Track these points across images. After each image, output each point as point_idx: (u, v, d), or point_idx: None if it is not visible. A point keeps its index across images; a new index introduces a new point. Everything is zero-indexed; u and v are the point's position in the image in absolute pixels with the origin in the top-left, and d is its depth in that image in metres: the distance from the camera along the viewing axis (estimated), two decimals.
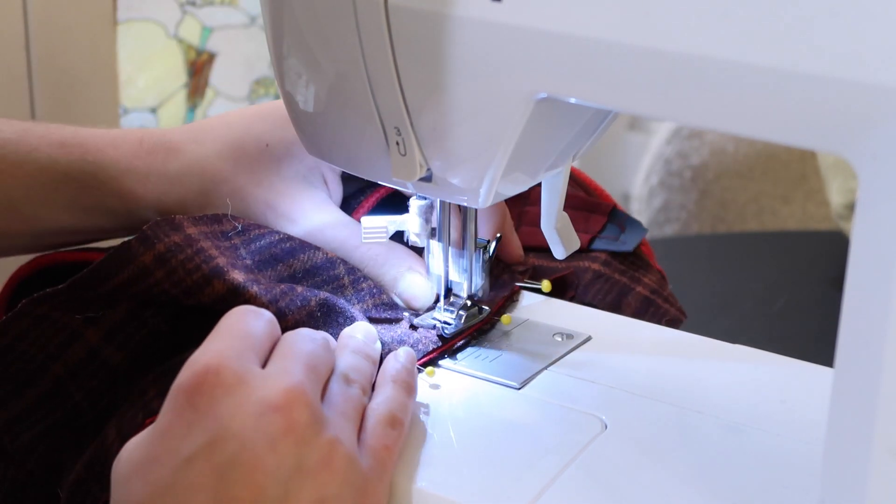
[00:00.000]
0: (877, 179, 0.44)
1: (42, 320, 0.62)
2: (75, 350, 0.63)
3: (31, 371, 0.62)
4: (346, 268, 0.66)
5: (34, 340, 0.62)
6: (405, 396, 0.58)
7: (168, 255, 0.61)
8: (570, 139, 0.60)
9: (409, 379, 0.59)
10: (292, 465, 0.49)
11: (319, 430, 0.51)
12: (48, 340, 0.62)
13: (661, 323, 0.74)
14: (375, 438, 0.54)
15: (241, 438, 0.49)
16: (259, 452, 0.49)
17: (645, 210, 1.83)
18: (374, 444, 0.54)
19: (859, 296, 0.45)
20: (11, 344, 0.62)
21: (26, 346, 0.62)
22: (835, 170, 1.31)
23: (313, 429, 0.50)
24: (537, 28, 0.50)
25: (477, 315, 0.67)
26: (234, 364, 0.51)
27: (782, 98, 0.45)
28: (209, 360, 0.51)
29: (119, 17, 1.53)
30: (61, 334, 0.63)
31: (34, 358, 0.62)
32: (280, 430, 0.49)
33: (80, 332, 0.63)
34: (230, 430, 0.49)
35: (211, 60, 1.69)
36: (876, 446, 0.45)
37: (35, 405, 0.62)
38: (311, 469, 0.50)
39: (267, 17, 0.61)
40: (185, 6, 1.64)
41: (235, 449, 0.49)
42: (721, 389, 0.63)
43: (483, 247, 0.67)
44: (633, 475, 0.56)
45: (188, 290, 0.62)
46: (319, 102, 0.61)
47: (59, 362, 0.62)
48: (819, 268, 1.26)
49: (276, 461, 0.49)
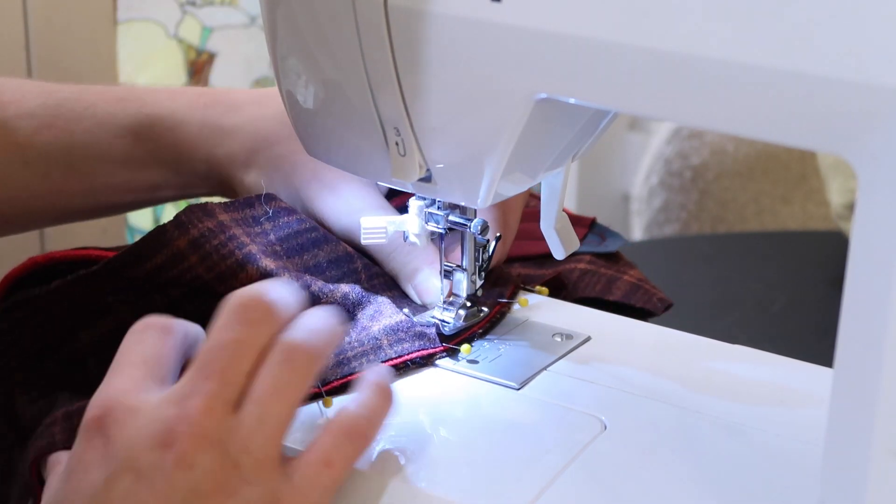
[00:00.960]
0: (877, 179, 0.44)
1: (75, 298, 0.63)
2: (105, 322, 0.63)
3: (60, 335, 0.63)
4: (363, 263, 0.68)
5: (68, 308, 0.63)
6: (380, 401, 0.55)
7: (202, 239, 0.63)
8: (570, 139, 0.60)
9: (389, 391, 0.56)
10: (187, 490, 0.49)
11: (215, 458, 0.49)
12: (80, 309, 0.63)
13: (654, 302, 0.74)
14: (316, 452, 0.52)
15: (136, 471, 0.49)
16: (153, 483, 0.49)
17: (645, 210, 1.83)
18: (311, 459, 0.51)
19: (859, 296, 0.45)
20: (45, 307, 0.63)
21: (59, 310, 0.63)
22: (835, 170, 1.31)
23: (208, 459, 0.49)
24: (537, 28, 0.50)
25: (476, 315, 0.67)
26: (128, 398, 0.51)
27: (782, 98, 0.45)
28: (105, 398, 0.51)
29: (119, 17, 1.53)
30: (94, 306, 0.64)
31: (64, 322, 0.63)
32: (170, 464, 0.49)
33: (114, 308, 0.64)
34: (124, 463, 0.49)
35: (211, 60, 1.69)
36: (876, 446, 0.45)
37: (53, 375, 0.63)
38: (207, 494, 0.49)
39: (266, 17, 0.61)
40: (185, 6, 1.64)
41: (131, 481, 0.49)
42: (721, 389, 0.63)
43: (483, 246, 0.67)
44: (633, 475, 0.56)
45: (221, 276, 0.62)
46: (319, 102, 0.61)
47: (87, 330, 0.63)
48: (819, 268, 1.26)
49: (168, 490, 0.49)
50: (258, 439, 0.50)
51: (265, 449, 0.50)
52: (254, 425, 0.50)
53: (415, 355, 0.63)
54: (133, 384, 0.51)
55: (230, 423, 0.50)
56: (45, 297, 0.64)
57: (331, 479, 0.51)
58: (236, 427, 0.50)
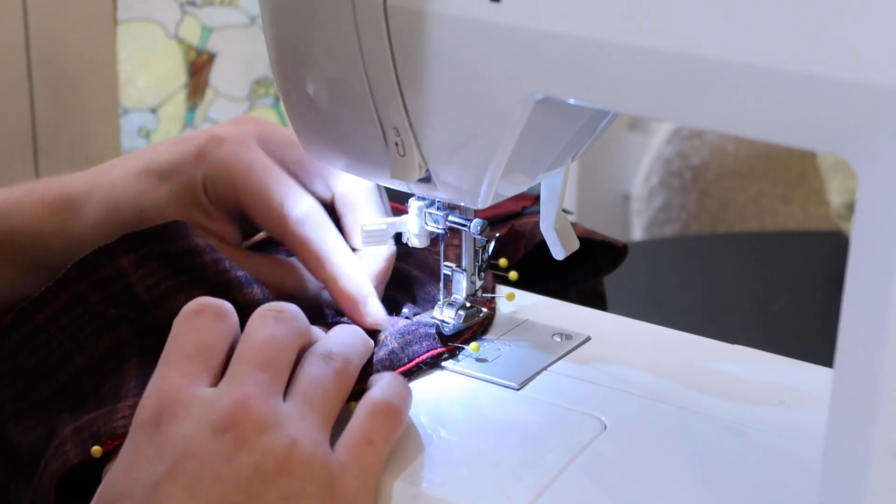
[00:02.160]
0: (877, 179, 0.44)
1: (80, 303, 0.63)
2: (104, 342, 0.63)
3: (54, 361, 0.63)
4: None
5: (66, 325, 0.63)
6: (404, 388, 0.58)
7: (203, 249, 0.63)
8: (570, 139, 0.60)
9: (404, 380, 0.59)
10: (250, 472, 0.51)
11: (274, 436, 0.52)
12: (80, 329, 0.63)
13: (611, 240, 0.75)
14: (355, 433, 0.54)
15: (199, 459, 0.51)
16: (217, 468, 0.51)
17: (645, 210, 1.83)
18: (352, 440, 0.54)
19: (859, 296, 0.45)
20: (42, 325, 0.63)
21: (56, 330, 0.63)
22: (835, 170, 1.31)
23: (267, 438, 0.52)
24: (536, 28, 0.50)
25: (476, 315, 0.67)
26: (183, 393, 0.53)
27: (782, 98, 0.45)
28: (159, 393, 0.53)
29: (119, 17, 1.53)
30: (94, 323, 0.63)
31: (62, 346, 0.63)
32: (231, 447, 0.51)
33: (112, 326, 0.63)
34: (187, 453, 0.51)
35: (211, 60, 1.69)
36: (876, 446, 0.45)
37: (48, 400, 0.62)
38: (270, 473, 0.51)
39: (266, 17, 0.61)
40: (185, 6, 1.64)
41: (196, 468, 0.51)
42: (721, 389, 0.63)
43: (483, 246, 0.67)
44: (633, 475, 0.56)
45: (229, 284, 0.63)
46: (319, 103, 0.61)
47: (82, 353, 0.63)
48: (819, 268, 1.26)
49: (233, 472, 0.51)
50: (310, 422, 0.53)
51: (317, 432, 0.53)
52: (306, 411, 0.54)
53: (426, 356, 0.64)
54: (186, 378, 0.54)
55: (282, 409, 0.53)
56: (50, 296, 0.63)
57: (376, 457, 0.54)
58: (289, 412, 0.53)
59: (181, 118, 1.68)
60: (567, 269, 0.78)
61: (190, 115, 1.69)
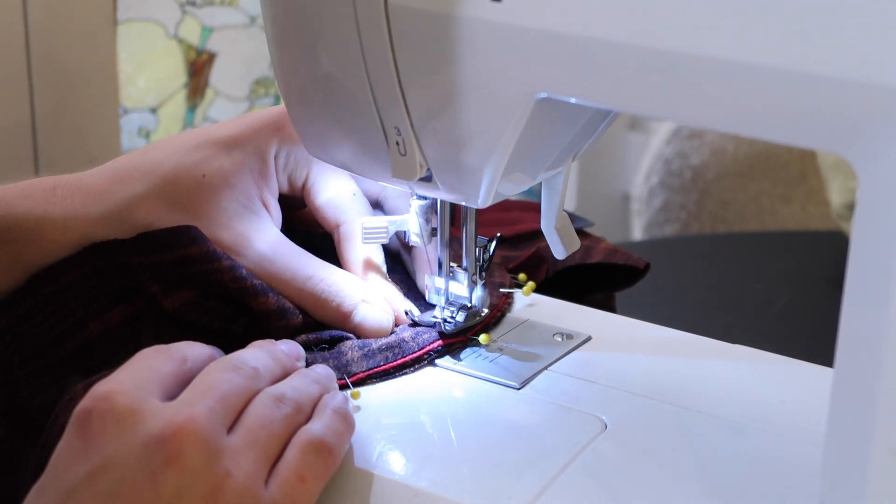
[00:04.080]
0: (877, 179, 0.44)
1: (97, 275, 0.63)
2: (119, 311, 0.63)
3: (68, 327, 0.63)
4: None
5: (81, 294, 0.63)
6: (343, 425, 0.56)
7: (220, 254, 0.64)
8: (570, 139, 0.60)
9: (347, 410, 0.58)
10: (171, 494, 0.49)
11: (209, 462, 0.50)
12: (95, 299, 0.63)
13: (634, 259, 0.74)
14: (289, 468, 0.53)
15: (123, 468, 0.49)
16: (138, 483, 0.49)
17: (645, 210, 1.83)
18: (286, 475, 0.52)
19: (859, 296, 0.45)
20: (57, 293, 0.63)
21: (71, 298, 0.63)
22: (835, 170, 1.31)
23: (202, 461, 0.49)
24: (537, 28, 0.50)
25: (477, 314, 0.67)
26: (128, 394, 0.51)
27: (782, 98, 0.45)
28: (105, 389, 0.51)
29: (119, 17, 1.53)
30: (111, 295, 0.63)
31: (74, 313, 0.63)
32: (161, 462, 0.49)
33: (129, 298, 0.63)
34: (112, 459, 0.49)
35: (211, 60, 1.69)
36: (876, 446, 0.45)
37: (61, 363, 0.63)
38: (194, 499, 0.49)
39: (267, 17, 0.61)
40: (185, 6, 1.64)
41: (115, 479, 0.49)
42: (721, 389, 0.63)
43: (483, 246, 0.67)
44: (633, 475, 0.56)
45: (245, 292, 0.63)
46: (319, 102, 0.61)
47: (97, 322, 0.63)
48: (819, 268, 1.26)
49: (154, 493, 0.49)
50: (249, 457, 0.51)
51: (255, 467, 0.51)
52: (247, 446, 0.52)
53: (436, 345, 0.64)
54: (135, 388, 0.52)
55: (225, 439, 0.51)
56: (50, 290, 0.63)
57: (307, 494, 0.52)
58: (231, 443, 0.51)
59: (181, 118, 1.68)
60: (583, 290, 0.78)
61: (190, 115, 1.69)
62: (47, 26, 1.34)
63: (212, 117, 1.72)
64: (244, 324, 0.65)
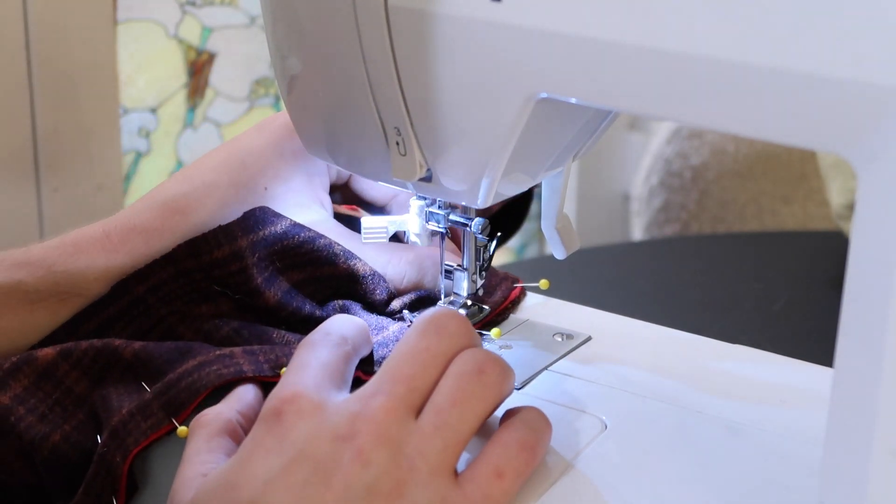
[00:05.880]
0: (877, 179, 0.44)
1: (182, 276, 0.64)
2: (201, 309, 0.65)
3: (149, 327, 0.64)
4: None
5: (165, 295, 0.64)
6: (542, 422, 0.54)
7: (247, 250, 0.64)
8: (570, 139, 0.60)
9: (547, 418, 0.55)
10: (361, 488, 0.49)
11: (391, 453, 0.50)
12: (177, 297, 0.64)
13: None
14: (484, 462, 0.51)
15: (314, 461, 0.50)
16: (329, 475, 0.49)
17: (645, 210, 1.83)
18: (479, 470, 0.51)
19: (859, 296, 0.45)
20: (142, 296, 0.64)
21: (155, 300, 0.64)
22: (835, 170, 1.31)
23: (382, 453, 0.49)
24: (537, 28, 0.50)
25: (477, 314, 0.67)
26: (310, 393, 0.52)
27: (782, 98, 0.45)
28: (288, 391, 0.52)
29: (119, 17, 1.53)
30: (194, 294, 0.65)
31: (157, 311, 0.64)
32: (347, 457, 0.49)
33: (212, 297, 0.65)
34: (304, 453, 0.50)
35: (211, 60, 1.69)
36: (876, 446, 0.45)
37: None
38: (382, 493, 0.49)
39: (267, 17, 0.61)
40: (185, 6, 1.64)
41: (309, 470, 0.50)
42: (721, 389, 0.63)
43: (483, 246, 0.67)
44: (633, 475, 0.56)
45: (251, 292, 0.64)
46: (319, 102, 0.61)
47: (177, 316, 0.64)
48: (819, 268, 1.26)
49: (344, 484, 0.49)
50: (436, 445, 0.50)
51: (441, 456, 0.50)
52: (433, 432, 0.51)
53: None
54: (314, 384, 0.53)
55: (410, 427, 0.50)
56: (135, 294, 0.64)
57: (501, 491, 0.51)
58: (416, 431, 0.50)
59: (181, 118, 1.68)
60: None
61: (190, 115, 1.69)
62: (47, 26, 1.34)
63: (212, 117, 1.72)
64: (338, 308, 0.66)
